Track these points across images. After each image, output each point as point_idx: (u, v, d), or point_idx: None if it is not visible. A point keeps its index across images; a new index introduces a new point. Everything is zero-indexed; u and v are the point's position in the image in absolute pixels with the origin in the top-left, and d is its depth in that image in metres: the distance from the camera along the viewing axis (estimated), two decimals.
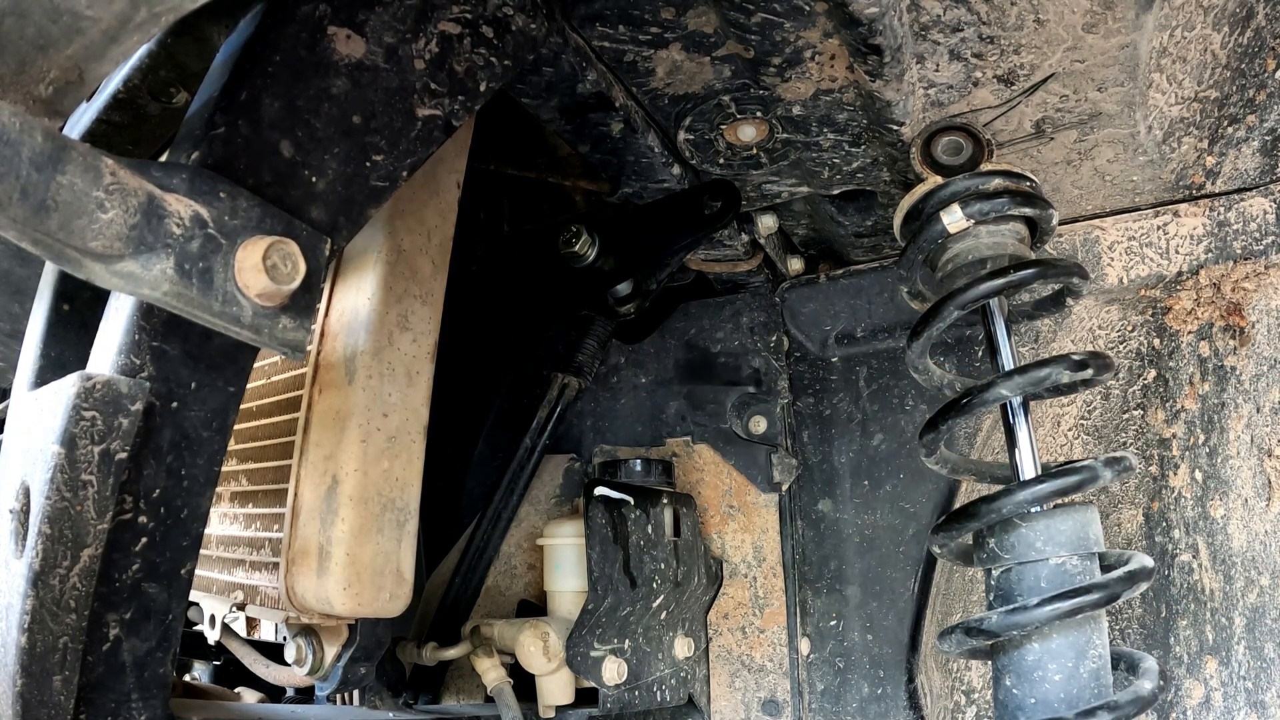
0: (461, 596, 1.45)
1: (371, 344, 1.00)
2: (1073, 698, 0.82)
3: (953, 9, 0.86)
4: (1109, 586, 0.81)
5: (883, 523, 1.37)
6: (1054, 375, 0.88)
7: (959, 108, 1.00)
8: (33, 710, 0.55)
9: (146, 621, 0.61)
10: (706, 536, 1.45)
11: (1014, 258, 0.97)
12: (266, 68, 0.65)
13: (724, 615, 1.43)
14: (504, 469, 1.49)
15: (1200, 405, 1.27)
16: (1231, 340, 1.24)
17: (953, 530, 0.91)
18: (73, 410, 0.55)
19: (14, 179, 0.46)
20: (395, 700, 1.39)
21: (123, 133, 0.82)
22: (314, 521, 0.98)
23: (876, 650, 1.35)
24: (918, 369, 1.02)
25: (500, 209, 1.54)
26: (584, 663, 1.18)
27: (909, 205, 1.01)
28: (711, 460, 1.47)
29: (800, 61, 0.94)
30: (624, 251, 1.27)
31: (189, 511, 0.63)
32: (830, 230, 1.37)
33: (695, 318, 1.55)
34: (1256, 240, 1.20)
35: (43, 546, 0.54)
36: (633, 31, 0.93)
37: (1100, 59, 0.92)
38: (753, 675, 1.40)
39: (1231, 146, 1.16)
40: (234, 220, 0.59)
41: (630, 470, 1.42)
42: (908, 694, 1.33)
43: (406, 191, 1.05)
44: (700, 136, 1.10)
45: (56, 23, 0.47)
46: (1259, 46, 1.05)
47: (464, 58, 0.78)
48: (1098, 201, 1.24)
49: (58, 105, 0.51)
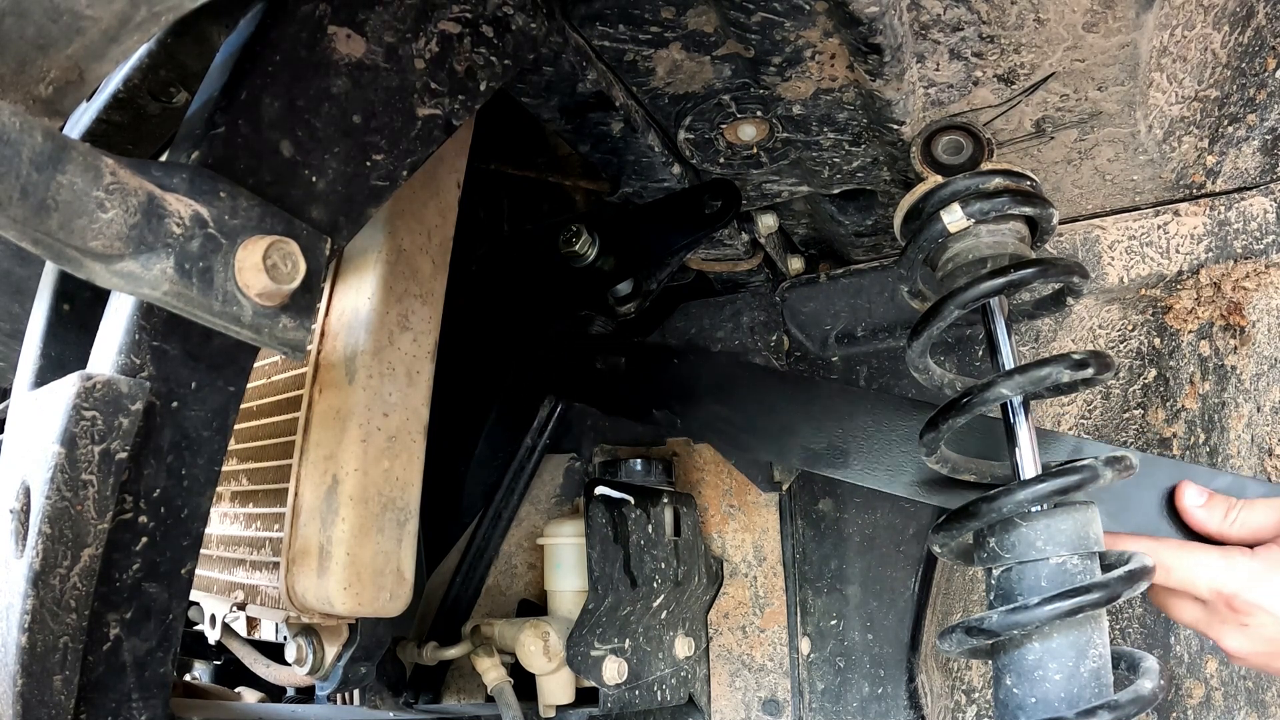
0: (462, 596, 1.45)
1: (372, 344, 1.00)
2: (1073, 697, 0.82)
3: (953, 8, 0.86)
4: (1110, 586, 0.81)
5: (883, 522, 1.37)
6: (1054, 374, 0.88)
7: (959, 107, 1.00)
8: (33, 710, 0.55)
9: (147, 621, 0.61)
10: (707, 536, 1.45)
11: (1014, 257, 0.97)
12: (266, 67, 0.65)
13: (724, 615, 1.43)
14: (504, 468, 1.49)
15: (1201, 404, 1.27)
16: (1232, 339, 1.24)
17: (953, 529, 0.91)
18: (73, 410, 0.55)
19: (14, 179, 0.46)
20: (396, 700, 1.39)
21: (123, 132, 0.82)
22: (314, 521, 0.98)
23: (877, 650, 1.35)
24: (918, 368, 1.02)
25: (500, 209, 1.54)
26: (584, 662, 1.18)
27: (909, 204, 1.01)
28: (712, 459, 1.47)
29: (800, 61, 0.94)
30: (624, 251, 1.27)
31: (189, 511, 0.63)
32: (830, 229, 1.37)
33: (695, 317, 1.55)
34: (1257, 239, 1.20)
35: (43, 546, 0.54)
36: (633, 31, 0.93)
37: (1101, 58, 0.92)
38: (753, 674, 1.40)
39: (1232, 146, 1.16)
40: (234, 220, 0.59)
41: (631, 470, 1.42)
42: (908, 693, 1.33)
43: (406, 191, 1.05)
44: (700, 136, 1.10)
45: (56, 22, 0.47)
46: (1259, 46, 1.05)
47: (464, 57, 0.78)
48: (1098, 201, 1.24)
49: (58, 105, 0.51)
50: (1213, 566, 0.90)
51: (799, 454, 1.18)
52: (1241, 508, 0.93)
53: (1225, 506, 0.94)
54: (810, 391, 1.20)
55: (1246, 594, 0.88)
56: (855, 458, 1.14)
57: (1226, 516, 0.93)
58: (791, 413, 1.19)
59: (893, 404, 1.15)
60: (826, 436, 1.16)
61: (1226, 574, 0.89)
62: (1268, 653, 0.89)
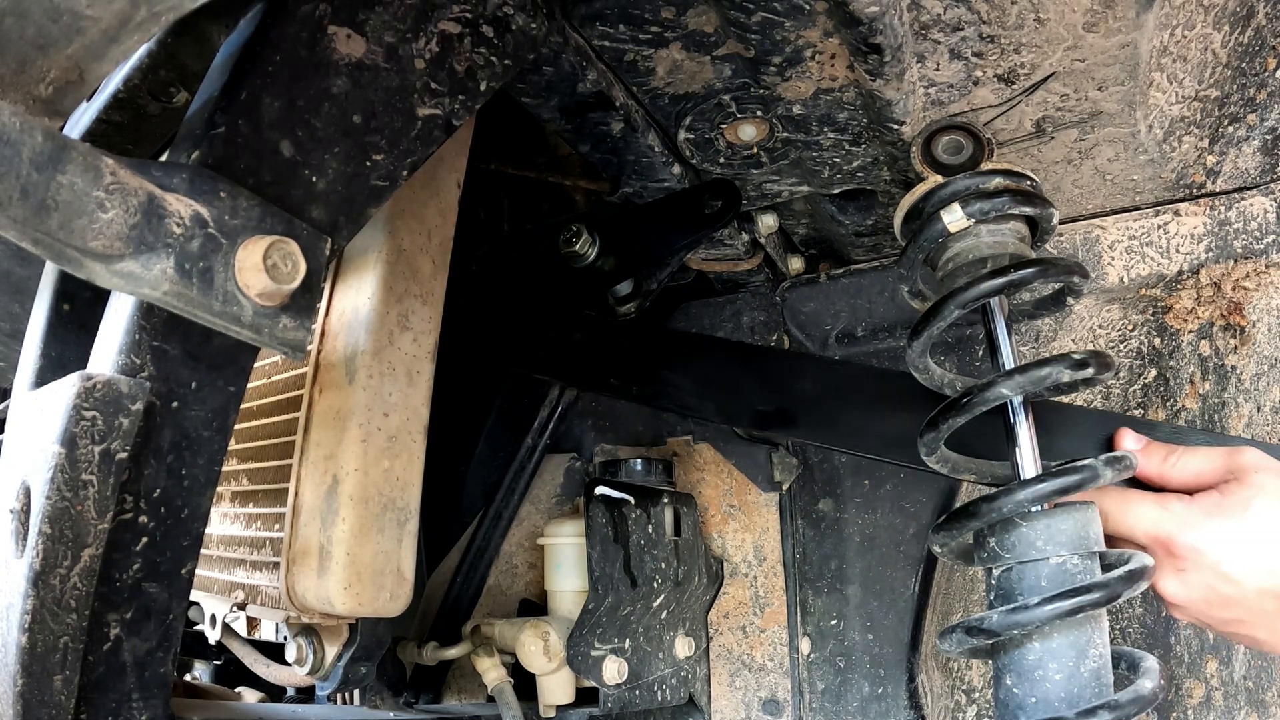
0: (463, 596, 1.46)
1: (372, 343, 1.00)
2: (1073, 697, 0.82)
3: (953, 8, 0.86)
4: (1110, 585, 0.81)
5: (883, 522, 1.37)
6: (1055, 374, 0.88)
7: (959, 107, 1.00)
8: (33, 710, 0.55)
9: (147, 621, 0.61)
10: (707, 536, 1.45)
11: (1015, 257, 0.97)
12: (266, 67, 0.65)
13: (724, 615, 1.43)
14: (505, 468, 1.49)
15: (1201, 404, 1.27)
16: (1232, 339, 1.24)
17: (953, 529, 0.91)
18: (73, 410, 0.55)
19: (14, 179, 0.46)
20: (396, 700, 1.39)
21: (123, 132, 0.82)
22: (314, 521, 0.98)
23: (877, 649, 1.35)
24: (918, 368, 1.02)
25: (500, 209, 1.54)
26: (584, 662, 1.18)
27: (909, 204, 1.01)
28: (712, 459, 1.47)
29: (800, 61, 0.94)
30: (624, 251, 1.27)
31: (190, 511, 0.63)
32: (831, 229, 1.37)
33: (695, 317, 1.55)
34: (1257, 239, 1.20)
35: (43, 546, 0.54)
36: (633, 31, 0.93)
37: (1101, 58, 0.92)
38: (753, 674, 1.40)
39: (1232, 145, 1.16)
40: (234, 220, 0.59)
41: (631, 470, 1.42)
42: (908, 693, 1.33)
43: (407, 191, 1.05)
44: (700, 136, 1.10)
45: (56, 22, 0.47)
46: (1259, 45, 1.05)
47: (464, 57, 0.78)
48: (1098, 201, 1.24)
49: (58, 105, 0.51)
50: (1150, 511, 0.88)
51: (748, 416, 1.24)
52: (1181, 454, 0.91)
53: (1164, 452, 0.92)
54: (760, 359, 1.27)
55: (1183, 537, 0.86)
56: (803, 420, 1.19)
57: (1165, 461, 0.92)
58: (743, 379, 1.25)
59: (842, 370, 1.22)
60: (775, 400, 1.22)
61: (1164, 518, 0.87)
62: (1205, 600, 0.87)
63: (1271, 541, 0.83)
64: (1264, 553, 0.83)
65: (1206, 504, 0.87)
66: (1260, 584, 0.83)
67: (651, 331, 1.37)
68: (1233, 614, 0.86)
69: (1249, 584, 0.84)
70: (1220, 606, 0.86)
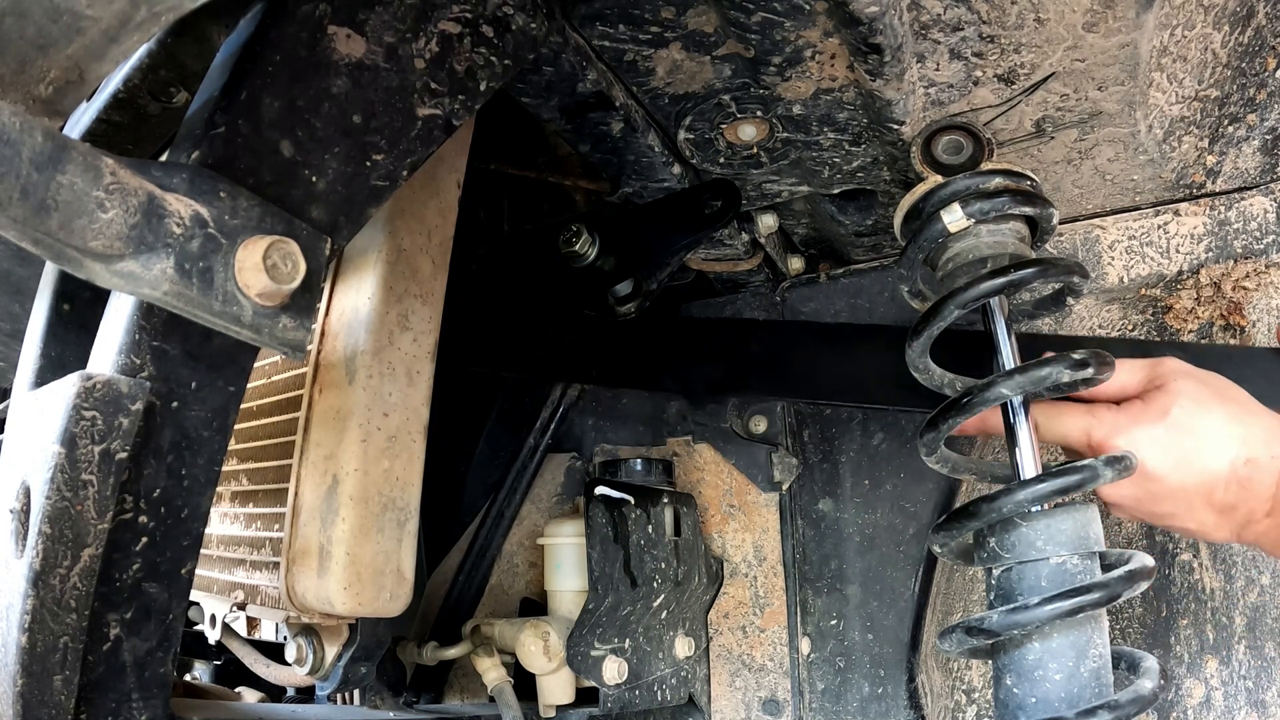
0: (464, 595, 1.46)
1: (372, 343, 1.00)
2: (1073, 697, 0.82)
3: (953, 8, 0.86)
4: (1110, 586, 0.81)
5: (883, 522, 1.37)
6: (1054, 374, 0.88)
7: (959, 107, 1.00)
8: (33, 710, 0.55)
9: (147, 621, 0.61)
10: (707, 536, 1.45)
11: (1015, 257, 0.97)
12: (266, 67, 0.65)
13: (724, 615, 1.43)
14: (506, 468, 1.49)
15: None
16: (1232, 339, 1.24)
17: (953, 529, 0.91)
18: (73, 410, 0.55)
19: (14, 179, 0.46)
20: (396, 700, 1.39)
21: (123, 132, 0.82)
22: (314, 521, 0.98)
23: (877, 649, 1.35)
24: (918, 368, 1.02)
25: (500, 208, 1.54)
26: (584, 662, 1.18)
27: (909, 204, 1.01)
28: (712, 459, 1.47)
29: (800, 61, 0.94)
30: (624, 251, 1.27)
31: (189, 511, 0.63)
32: (831, 229, 1.37)
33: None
34: (1257, 239, 1.21)
35: (43, 546, 0.54)
36: (633, 31, 0.93)
37: (1101, 58, 0.92)
38: (753, 674, 1.40)
39: (1232, 145, 1.16)
40: (234, 220, 0.59)
41: (631, 470, 1.42)
42: (908, 693, 1.33)
43: (407, 191, 1.05)
44: (700, 136, 1.10)
45: (56, 22, 0.47)
46: (1259, 45, 1.05)
47: (464, 57, 0.78)
48: (1098, 200, 1.24)
49: (58, 105, 0.51)
50: (1081, 420, 0.96)
51: (702, 385, 1.33)
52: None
53: None
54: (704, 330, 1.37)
55: (1112, 441, 0.93)
56: (754, 379, 1.30)
57: None
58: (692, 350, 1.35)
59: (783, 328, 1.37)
60: (723, 366, 1.33)
61: (1094, 425, 0.95)
62: (1135, 498, 0.94)
63: (1188, 442, 0.91)
64: (1182, 452, 0.91)
65: (1132, 411, 0.94)
66: (1181, 480, 0.91)
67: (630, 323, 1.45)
68: (1163, 509, 0.94)
69: (1172, 480, 0.91)
70: (1150, 502, 0.94)
